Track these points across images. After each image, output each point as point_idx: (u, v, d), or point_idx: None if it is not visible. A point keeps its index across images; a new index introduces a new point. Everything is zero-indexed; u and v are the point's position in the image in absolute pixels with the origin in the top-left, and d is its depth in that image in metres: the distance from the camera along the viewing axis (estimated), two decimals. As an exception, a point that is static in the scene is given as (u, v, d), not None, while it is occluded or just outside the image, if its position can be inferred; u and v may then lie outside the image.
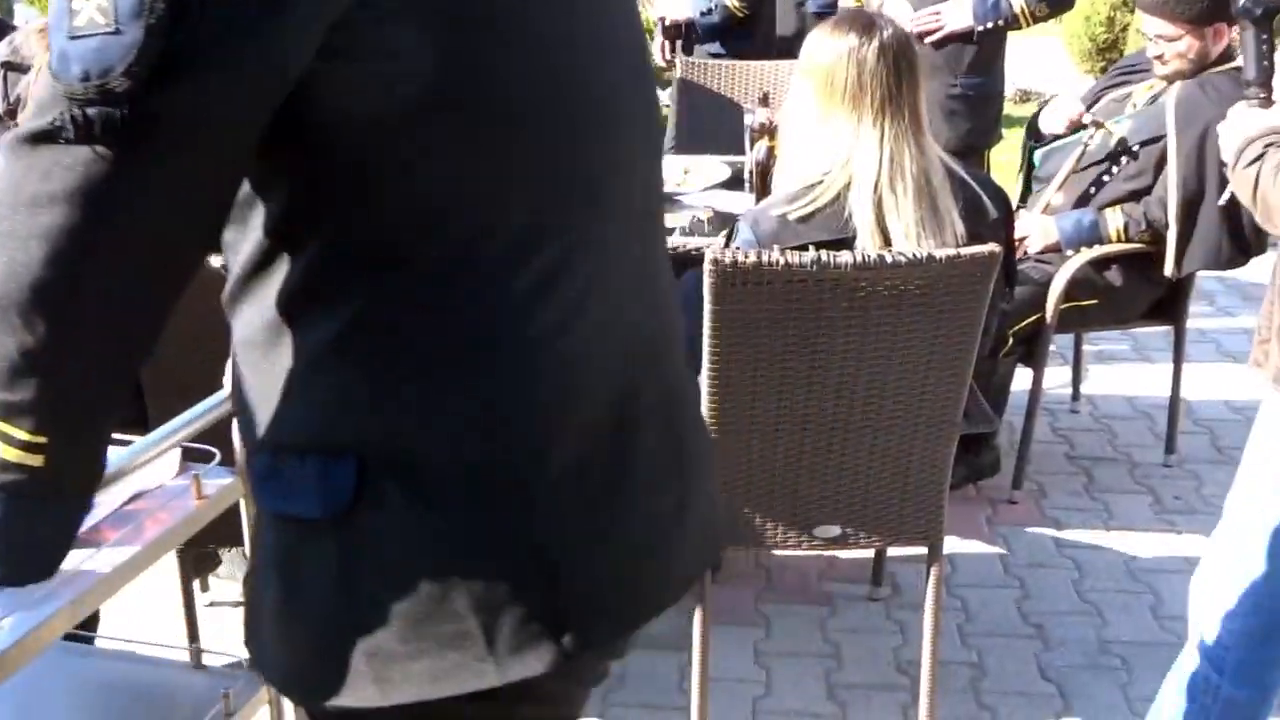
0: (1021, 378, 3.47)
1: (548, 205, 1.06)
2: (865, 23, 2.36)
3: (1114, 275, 3.35)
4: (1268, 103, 1.93)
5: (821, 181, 2.34)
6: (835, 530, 2.42)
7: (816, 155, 2.38)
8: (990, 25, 4.02)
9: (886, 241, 2.29)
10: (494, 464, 1.06)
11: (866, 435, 2.34)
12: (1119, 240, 3.27)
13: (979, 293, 2.20)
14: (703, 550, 1.28)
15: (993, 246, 2.20)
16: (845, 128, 2.33)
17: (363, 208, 1.01)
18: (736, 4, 4.53)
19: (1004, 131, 4.48)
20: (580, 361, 1.09)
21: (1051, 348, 3.49)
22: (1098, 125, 3.32)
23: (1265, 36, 1.94)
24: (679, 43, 4.82)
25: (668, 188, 3.41)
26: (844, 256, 2.13)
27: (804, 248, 2.23)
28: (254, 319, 1.07)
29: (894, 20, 2.47)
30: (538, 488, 1.07)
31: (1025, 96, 9.08)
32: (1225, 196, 2.85)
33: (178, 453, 1.69)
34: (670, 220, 3.20)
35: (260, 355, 1.08)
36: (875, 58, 2.30)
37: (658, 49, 5.01)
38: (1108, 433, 3.88)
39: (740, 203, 3.27)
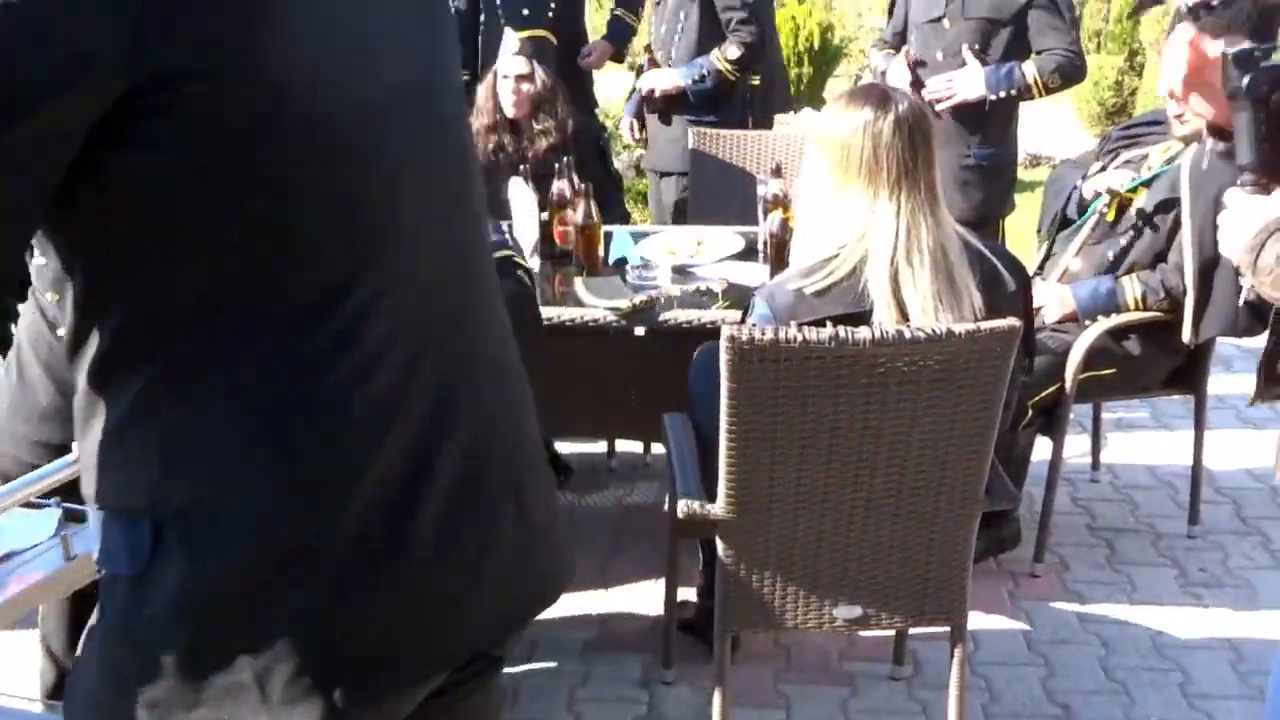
0: (1040, 447, 3.42)
1: (338, 269, 1.07)
2: (880, 96, 2.35)
3: (1132, 344, 3.31)
4: (1265, 189, 1.81)
5: (837, 255, 2.32)
6: (857, 611, 2.37)
7: (832, 229, 2.36)
8: (1003, 95, 4.03)
9: (904, 316, 2.26)
10: (279, 527, 1.08)
11: (887, 513, 2.30)
12: (1136, 309, 3.24)
13: (999, 368, 2.17)
14: (521, 597, 1.26)
15: (1012, 321, 2.17)
16: (861, 201, 2.31)
17: (155, 279, 1.04)
18: (728, 67, 4.55)
19: (1016, 198, 4.48)
20: (372, 424, 1.10)
21: (1070, 417, 3.45)
22: (1112, 194, 3.30)
23: (1262, 118, 1.80)
24: (653, 116, 4.83)
25: (681, 259, 3.40)
26: (862, 332, 2.11)
27: (820, 322, 2.21)
28: (79, 385, 1.11)
29: (908, 94, 2.46)
30: (321, 547, 1.08)
31: (1035, 161, 9.10)
32: (1245, 294, 2.65)
33: (58, 513, 1.73)
34: (684, 292, 3.19)
35: (82, 420, 1.12)
36: (891, 131, 2.28)
37: (626, 127, 5.00)
38: (1129, 503, 3.82)
39: (754, 274, 3.26)
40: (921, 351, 2.12)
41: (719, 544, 2.35)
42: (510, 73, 3.91)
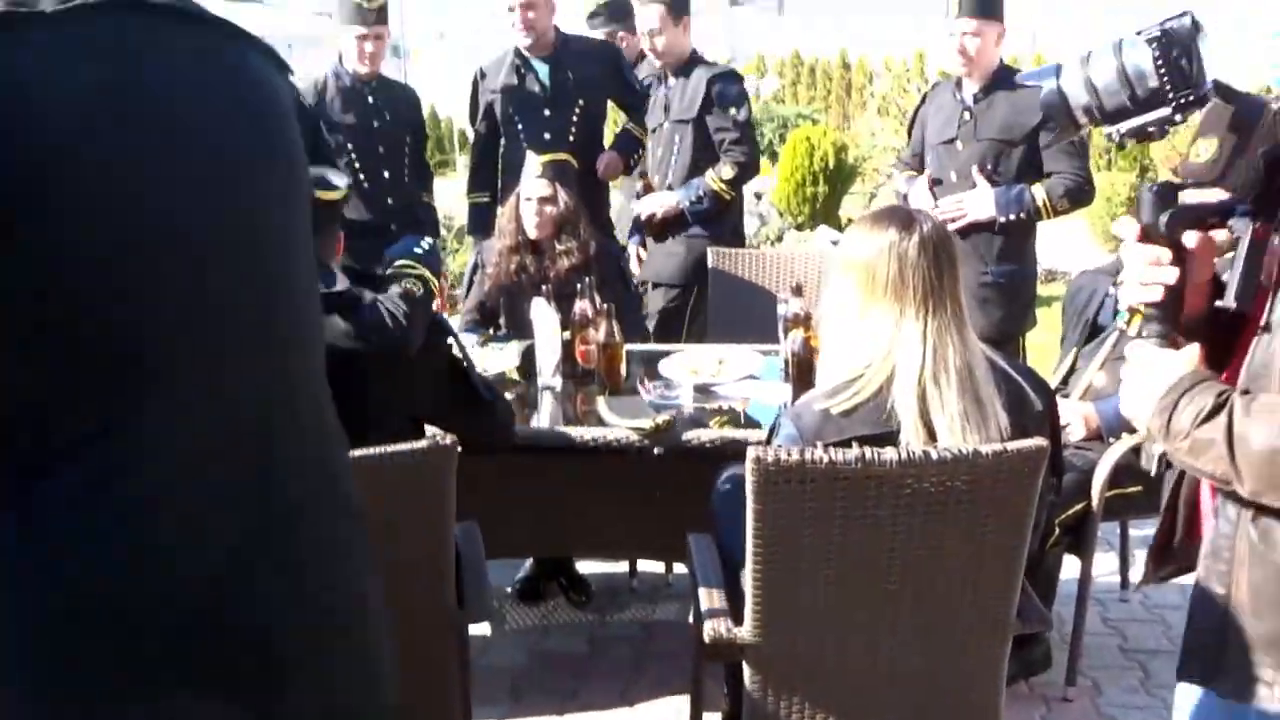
0: (1068, 566, 3.38)
1: (97, 410, 1.09)
2: (904, 217, 2.36)
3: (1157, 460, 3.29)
4: (1174, 342, 1.63)
5: (863, 375, 2.31)
6: (887, 738, 2.32)
7: (858, 348, 2.35)
8: (1012, 217, 4.08)
9: (931, 436, 2.25)
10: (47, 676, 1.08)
11: (917, 637, 2.26)
12: (1162, 427, 3.23)
13: (1028, 489, 2.15)
14: None
15: (1039, 441, 2.16)
16: (887, 321, 2.30)
17: None
18: (723, 187, 4.63)
19: (1036, 313, 4.49)
20: (143, 566, 1.11)
21: (1097, 535, 3.40)
22: (1133, 311, 3.30)
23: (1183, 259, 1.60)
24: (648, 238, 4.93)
25: (703, 378, 3.41)
26: (888, 453, 2.10)
27: (847, 443, 2.20)
28: None
29: (931, 215, 2.49)
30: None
31: (1051, 276, 9.15)
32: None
33: None
34: (706, 411, 3.19)
35: None
36: (916, 252, 2.28)
37: (632, 254, 5.04)
38: (1161, 623, 3.76)
39: (776, 393, 3.26)
40: (949, 472, 2.11)
41: (745, 668, 2.31)
42: (533, 195, 3.96)
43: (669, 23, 4.62)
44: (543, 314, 3.53)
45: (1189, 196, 1.63)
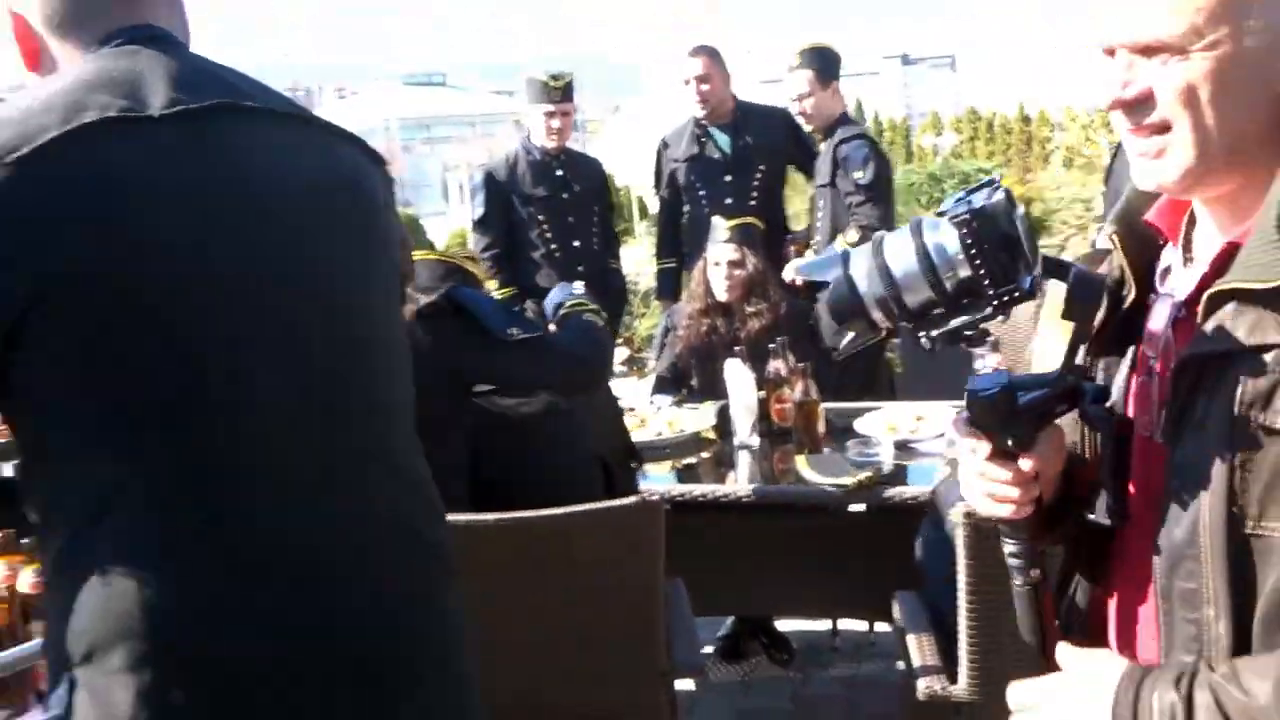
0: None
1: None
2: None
3: None
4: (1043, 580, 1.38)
5: None
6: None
7: None
8: None
9: None
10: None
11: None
12: None
13: None
14: None
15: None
16: None
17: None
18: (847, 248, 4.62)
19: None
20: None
21: None
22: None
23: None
24: None
25: (902, 435, 3.39)
26: (1107, 505, 2.05)
27: None
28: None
29: None
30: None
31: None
32: None
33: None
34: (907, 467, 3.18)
35: None
36: None
37: None
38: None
39: (978, 447, 3.21)
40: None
41: (961, 726, 2.28)
42: (722, 259, 4.02)
43: (817, 87, 4.71)
44: (738, 373, 3.57)
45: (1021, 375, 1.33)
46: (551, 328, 2.79)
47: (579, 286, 3.00)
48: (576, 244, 5.01)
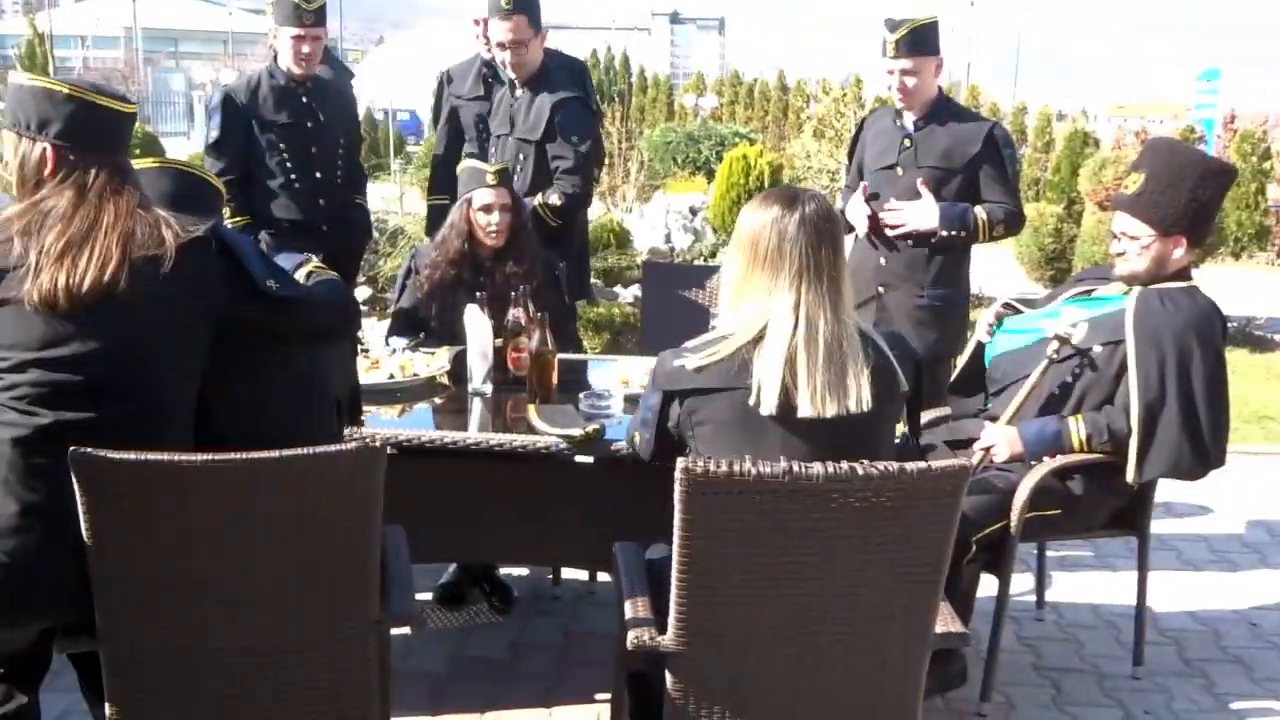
0: (985, 584, 3.43)
1: None
2: (789, 196, 2.51)
3: (1076, 484, 3.36)
4: None
5: (728, 337, 2.45)
6: (806, 749, 2.34)
7: (736, 314, 2.51)
8: (954, 233, 4.14)
9: (788, 402, 2.38)
10: None
11: (839, 650, 2.29)
12: (1082, 450, 3.30)
13: (950, 506, 2.19)
14: None
15: (962, 461, 2.21)
16: (763, 291, 2.45)
17: None
18: (547, 213, 4.57)
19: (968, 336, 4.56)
20: None
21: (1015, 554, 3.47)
22: (1062, 340, 3.37)
23: None
24: None
25: (634, 389, 3.42)
26: (815, 468, 2.13)
27: (696, 393, 2.44)
28: None
29: (819, 194, 2.60)
30: None
31: (979, 301, 9.31)
32: None
33: None
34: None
35: None
36: (796, 228, 2.43)
37: None
38: (1074, 642, 3.84)
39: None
40: (875, 487, 2.14)
41: (668, 676, 2.32)
42: (494, 204, 3.91)
43: (530, 34, 4.57)
44: (476, 320, 3.52)
45: None
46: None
47: (313, 259, 2.86)
48: (318, 175, 4.81)
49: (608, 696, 3.29)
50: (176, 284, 2.32)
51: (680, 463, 2.12)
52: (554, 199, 4.57)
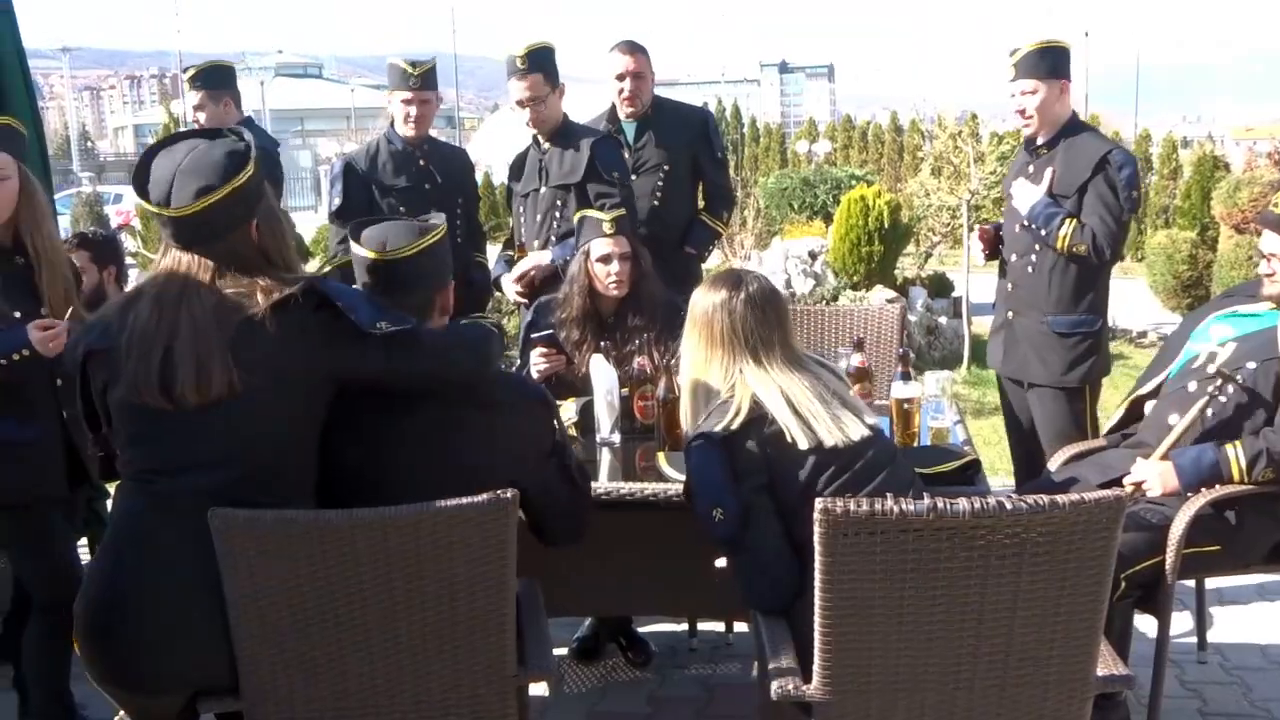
0: (1140, 624, 3.27)
1: None
2: (734, 279, 2.73)
3: (1236, 517, 3.18)
4: None
5: (726, 412, 2.57)
6: (964, 801, 2.23)
7: (710, 390, 2.68)
8: (1034, 227, 4.01)
9: (815, 434, 2.52)
10: None
11: (993, 695, 2.19)
12: (1241, 480, 3.12)
13: (1107, 539, 2.08)
14: None
15: (1117, 492, 2.11)
16: (730, 367, 2.64)
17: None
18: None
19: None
20: None
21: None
22: (1226, 378, 3.21)
23: None
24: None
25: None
26: (961, 504, 2.04)
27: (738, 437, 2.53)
28: None
29: (759, 275, 2.81)
30: None
31: (1110, 335, 9.03)
32: None
33: None
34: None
35: None
36: (744, 308, 2.65)
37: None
38: (1241, 685, 3.63)
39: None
40: (1024, 523, 2.04)
41: (815, 728, 2.24)
42: (612, 253, 3.82)
43: (547, 90, 4.58)
44: (601, 370, 3.50)
45: None
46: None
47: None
48: (439, 238, 4.86)
49: (751, 750, 3.22)
50: (277, 345, 2.29)
51: (819, 504, 2.06)
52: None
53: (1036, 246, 4.06)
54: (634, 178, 4.76)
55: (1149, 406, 3.56)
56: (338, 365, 2.36)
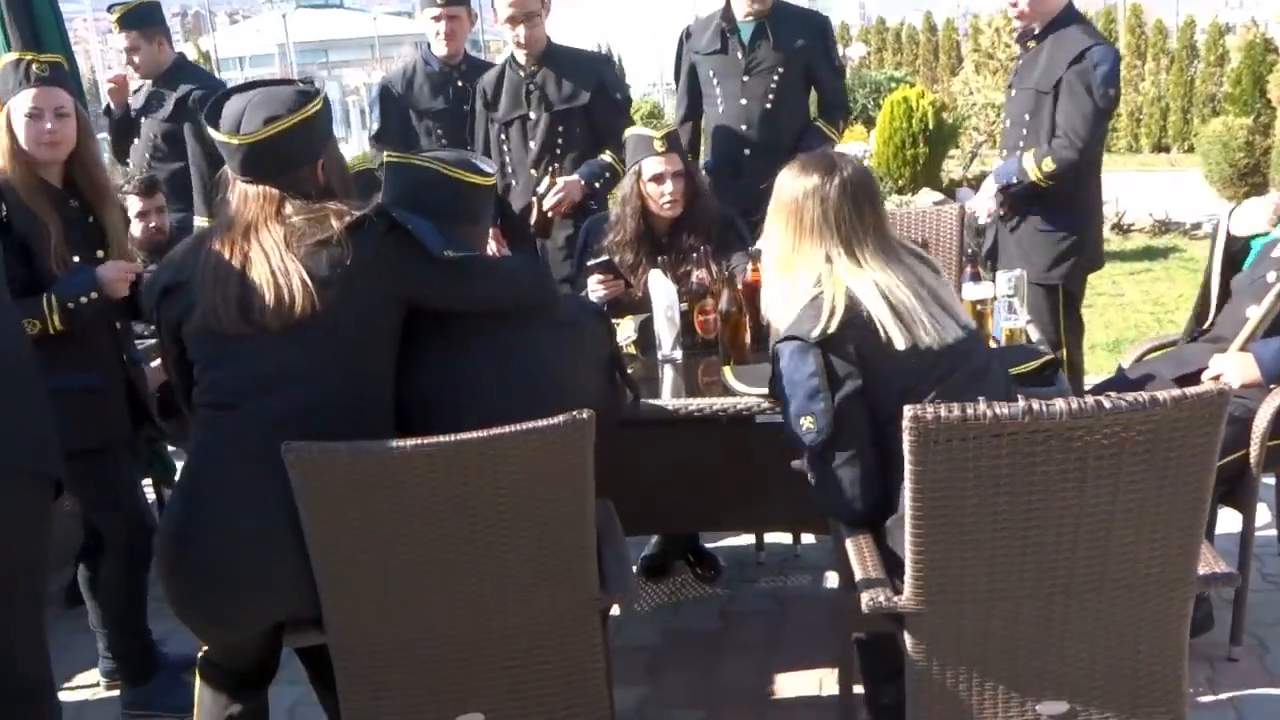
0: (1223, 519, 3.20)
1: None
2: (827, 163, 2.54)
3: (1321, 407, 3.09)
4: None
5: (818, 311, 2.42)
6: (1063, 707, 2.19)
7: (799, 283, 2.50)
8: (1014, 181, 4.04)
9: (913, 334, 2.39)
10: None
11: (1090, 600, 2.13)
12: (1326, 368, 3.03)
13: (1210, 435, 2.01)
14: None
15: (1221, 386, 2.02)
16: (818, 258, 2.48)
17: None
18: (622, 167, 4.22)
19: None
20: None
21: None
22: None
23: None
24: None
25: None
26: (1057, 405, 1.97)
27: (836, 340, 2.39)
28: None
29: (853, 159, 2.62)
30: None
31: (1164, 228, 8.83)
32: None
33: None
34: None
35: None
36: (838, 195, 2.48)
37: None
38: (1324, 578, 3.56)
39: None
40: (1124, 422, 1.97)
41: (907, 638, 2.19)
42: (665, 171, 3.70)
43: (538, 4, 4.36)
44: (660, 286, 3.42)
45: None
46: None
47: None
48: (478, 160, 4.77)
49: (827, 659, 3.20)
50: (355, 264, 2.29)
51: (908, 411, 1.99)
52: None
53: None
54: (745, 79, 4.58)
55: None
56: (411, 286, 2.37)
